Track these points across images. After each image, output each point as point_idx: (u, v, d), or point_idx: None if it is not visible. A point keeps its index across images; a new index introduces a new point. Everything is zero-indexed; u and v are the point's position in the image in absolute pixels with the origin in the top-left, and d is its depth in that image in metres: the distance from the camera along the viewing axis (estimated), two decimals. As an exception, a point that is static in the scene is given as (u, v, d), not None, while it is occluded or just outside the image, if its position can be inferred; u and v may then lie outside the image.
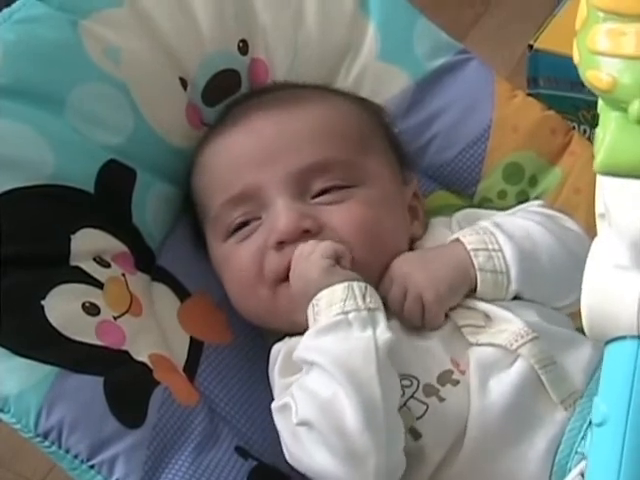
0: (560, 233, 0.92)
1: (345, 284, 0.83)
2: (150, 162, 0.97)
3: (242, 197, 0.92)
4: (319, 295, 0.83)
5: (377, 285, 0.88)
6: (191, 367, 0.91)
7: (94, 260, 0.89)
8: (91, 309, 0.86)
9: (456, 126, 1.06)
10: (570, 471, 0.78)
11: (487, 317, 0.88)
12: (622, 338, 0.60)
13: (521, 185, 1.05)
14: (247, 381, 0.92)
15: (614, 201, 0.58)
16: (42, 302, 0.83)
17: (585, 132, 1.20)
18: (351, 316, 0.81)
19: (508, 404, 0.82)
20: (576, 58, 0.56)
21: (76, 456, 0.80)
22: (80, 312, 0.85)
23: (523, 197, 1.05)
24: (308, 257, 0.86)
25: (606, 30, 0.54)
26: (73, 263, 0.87)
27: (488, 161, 1.05)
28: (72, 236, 0.88)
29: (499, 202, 1.05)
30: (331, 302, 0.82)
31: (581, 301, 0.61)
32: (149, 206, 0.96)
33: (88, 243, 0.89)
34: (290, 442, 0.82)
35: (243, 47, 1.04)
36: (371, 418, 0.77)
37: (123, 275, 0.90)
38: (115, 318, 0.87)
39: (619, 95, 0.54)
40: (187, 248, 0.99)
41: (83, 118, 0.93)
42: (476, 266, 0.88)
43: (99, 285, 0.88)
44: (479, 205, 1.05)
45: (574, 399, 0.83)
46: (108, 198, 0.92)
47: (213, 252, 0.96)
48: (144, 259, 0.95)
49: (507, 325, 0.86)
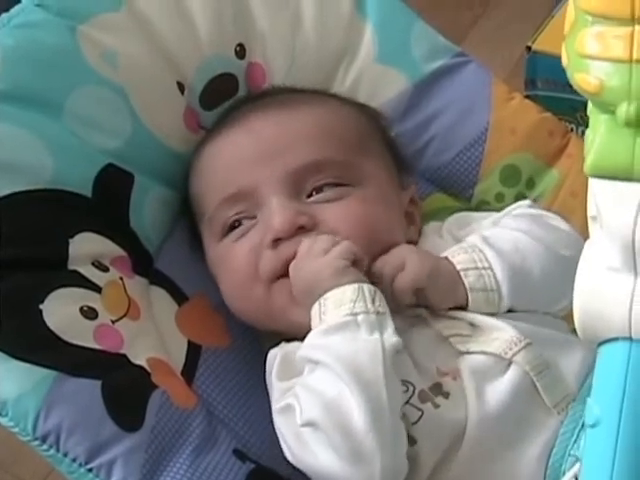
0: (549, 239, 0.91)
1: (356, 285, 0.83)
2: (148, 166, 0.97)
3: (238, 196, 0.92)
4: (328, 294, 0.83)
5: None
6: (189, 370, 0.91)
7: (92, 264, 0.89)
8: (89, 313, 0.86)
9: (453, 129, 1.05)
10: (564, 474, 0.78)
11: (473, 326, 0.87)
12: (614, 340, 0.60)
13: (518, 187, 1.05)
14: (245, 384, 0.92)
15: (605, 203, 0.58)
16: (40, 306, 0.83)
17: (583, 134, 1.19)
18: (360, 318, 0.81)
19: (504, 410, 0.82)
20: (565, 61, 0.57)
21: (74, 459, 0.80)
22: (78, 316, 0.85)
23: (520, 200, 1.04)
24: (322, 254, 0.85)
25: (594, 33, 0.54)
26: (71, 267, 0.88)
27: (485, 164, 1.05)
28: (70, 240, 0.88)
29: (496, 205, 1.05)
30: (341, 302, 0.82)
31: (573, 303, 0.61)
32: (147, 210, 0.97)
33: (86, 247, 0.89)
34: (294, 443, 0.82)
35: (240, 51, 1.04)
36: (377, 419, 0.77)
37: (121, 279, 0.91)
38: (113, 322, 0.87)
39: (607, 98, 0.54)
40: (185, 251, 0.99)
41: (81, 122, 0.93)
42: (467, 286, 0.87)
43: (97, 289, 0.88)
44: (476, 208, 1.05)
45: (567, 402, 0.83)
46: (106, 202, 0.93)
47: (209, 252, 0.96)
48: (142, 263, 0.95)
49: (498, 333, 0.86)
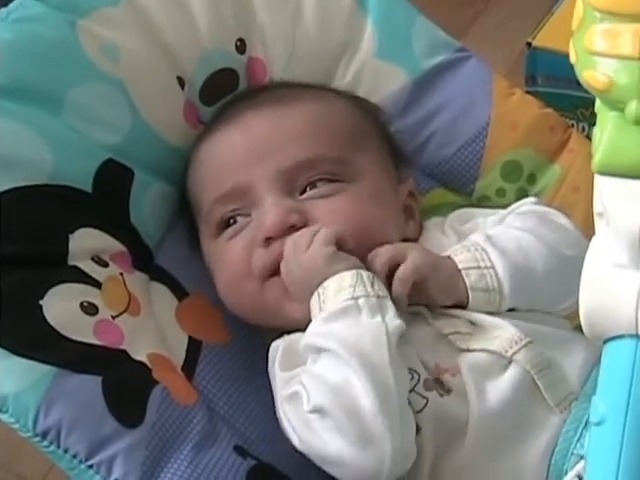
0: (553, 239, 0.91)
1: (353, 271, 0.83)
2: (148, 161, 0.97)
3: (232, 194, 0.92)
4: (326, 283, 0.83)
5: None
6: (189, 366, 0.90)
7: (92, 259, 0.89)
8: (89, 308, 0.85)
9: (454, 124, 1.05)
10: (567, 473, 0.78)
11: (472, 324, 0.87)
12: (621, 337, 0.60)
13: (520, 183, 1.05)
14: (245, 380, 0.92)
15: (612, 200, 0.58)
16: (40, 302, 0.83)
17: (584, 130, 1.19)
18: (361, 302, 0.81)
19: (505, 408, 0.82)
20: (573, 58, 0.56)
21: (75, 456, 0.80)
22: (78, 311, 0.85)
23: (522, 195, 1.04)
24: (307, 247, 0.85)
25: (602, 30, 0.54)
26: (71, 263, 0.87)
27: (486, 159, 1.05)
28: (70, 236, 0.88)
29: (498, 200, 1.05)
30: (340, 288, 0.82)
31: (579, 300, 0.61)
32: (147, 205, 0.96)
33: (86, 243, 0.89)
34: (302, 431, 0.81)
35: (241, 46, 1.04)
36: (385, 402, 0.77)
37: (121, 274, 0.90)
38: (113, 317, 0.87)
39: (616, 95, 0.54)
40: (185, 247, 0.99)
41: (81, 117, 0.92)
42: (468, 285, 0.86)
43: (97, 285, 0.88)
44: (478, 203, 1.05)
45: (570, 401, 0.83)
46: (106, 197, 0.92)
47: (205, 249, 0.96)
48: (142, 258, 0.95)
49: (499, 331, 0.85)
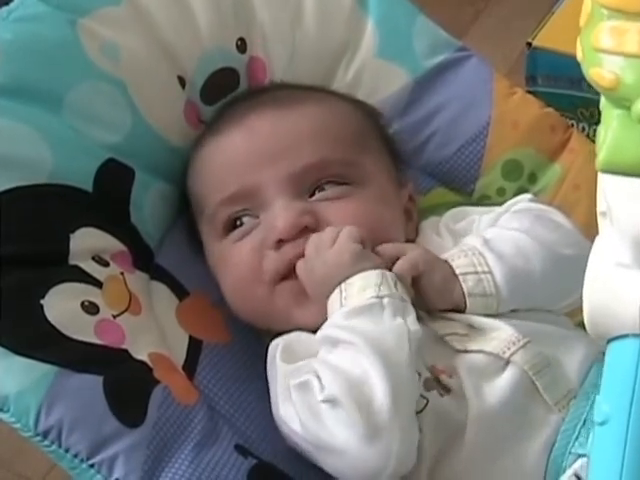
0: (550, 239, 0.91)
1: (379, 271, 0.84)
2: (148, 160, 0.97)
3: (240, 196, 0.92)
4: (350, 280, 0.84)
5: None
6: (190, 366, 0.90)
7: (93, 259, 0.89)
8: (90, 308, 0.85)
9: (455, 123, 1.05)
10: (565, 471, 0.78)
11: (470, 326, 0.87)
12: (624, 336, 0.60)
13: (520, 182, 1.05)
14: (246, 380, 0.92)
15: (616, 199, 0.58)
16: (41, 301, 0.83)
17: (584, 130, 1.20)
18: (385, 301, 0.82)
19: (503, 408, 0.82)
20: (579, 55, 0.56)
21: (76, 455, 0.80)
22: (79, 311, 0.85)
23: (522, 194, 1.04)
24: (332, 243, 0.86)
25: (610, 28, 0.53)
26: (72, 262, 0.87)
27: (487, 158, 1.05)
28: (71, 235, 0.88)
29: (498, 199, 1.04)
30: (365, 286, 0.83)
31: (583, 300, 0.61)
32: (147, 205, 0.96)
33: (87, 242, 0.89)
34: (308, 419, 0.81)
35: (241, 45, 1.04)
36: (399, 402, 0.77)
37: (122, 274, 0.90)
38: (114, 317, 0.86)
39: (622, 93, 0.54)
40: (185, 247, 0.99)
41: (81, 117, 0.92)
42: (465, 291, 0.86)
43: (98, 284, 0.87)
44: (478, 202, 1.05)
45: (568, 400, 0.83)
46: (107, 197, 0.92)
47: (209, 250, 0.96)
48: (142, 258, 0.94)
49: (496, 333, 0.85)
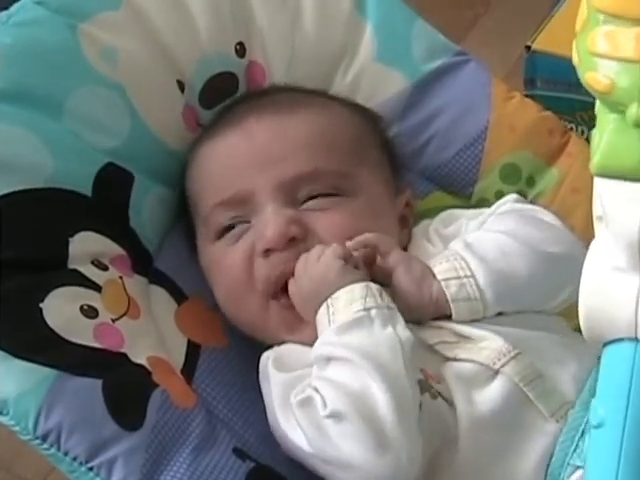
0: (535, 238, 0.91)
1: (363, 283, 0.83)
2: (147, 165, 0.97)
3: (234, 201, 0.93)
4: (336, 294, 0.83)
5: None
6: (189, 370, 0.90)
7: (92, 263, 0.89)
8: (89, 312, 0.86)
9: (453, 127, 1.05)
10: (563, 483, 0.78)
11: (458, 335, 0.87)
12: (620, 340, 0.60)
13: (518, 185, 1.05)
14: (244, 383, 0.92)
15: (611, 203, 0.58)
16: (41, 305, 0.83)
17: (583, 133, 1.19)
18: (373, 312, 0.82)
19: (496, 417, 0.82)
20: (575, 60, 0.56)
21: (75, 458, 0.80)
22: (78, 315, 0.85)
23: (521, 198, 1.04)
24: (319, 260, 0.86)
25: (605, 32, 0.54)
26: (71, 266, 0.87)
27: (485, 162, 1.05)
28: (70, 239, 0.88)
29: (497, 202, 1.04)
30: (351, 300, 0.83)
31: (579, 303, 0.61)
32: (146, 209, 0.96)
33: (86, 246, 0.89)
34: (314, 434, 0.81)
35: (240, 50, 1.04)
36: (403, 411, 0.78)
37: (121, 278, 0.90)
38: (113, 321, 0.87)
39: (617, 97, 0.54)
40: (184, 251, 0.99)
41: (81, 121, 0.93)
42: (448, 297, 0.86)
43: (97, 288, 0.88)
44: (477, 206, 1.05)
45: (566, 410, 0.82)
46: (106, 201, 0.92)
47: (202, 253, 0.97)
48: (141, 262, 0.95)
49: (486, 342, 0.85)
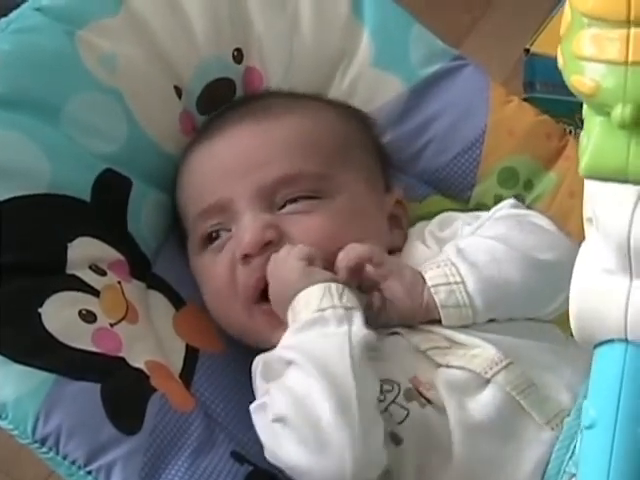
0: (529, 244, 0.91)
1: (322, 284, 0.83)
2: (145, 170, 0.98)
3: (214, 209, 0.93)
4: (298, 296, 0.84)
5: None
6: (187, 374, 0.91)
7: (90, 268, 0.90)
8: (87, 316, 0.86)
9: (451, 131, 1.05)
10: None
11: (450, 340, 0.87)
12: (610, 341, 0.60)
13: (516, 189, 1.05)
14: (242, 388, 0.92)
15: (600, 204, 0.58)
16: (39, 310, 0.84)
17: (582, 136, 1.20)
18: (327, 313, 0.82)
19: (488, 424, 0.82)
20: (561, 63, 0.57)
21: (73, 462, 0.81)
22: (77, 319, 0.85)
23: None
24: (284, 262, 0.87)
25: (590, 35, 0.54)
26: (70, 271, 0.88)
27: (483, 166, 1.05)
28: (69, 244, 0.89)
29: (495, 206, 1.04)
30: (308, 301, 0.83)
31: (569, 305, 0.61)
32: (144, 214, 0.97)
33: (84, 251, 0.90)
34: (267, 439, 0.82)
35: (238, 56, 1.04)
36: (345, 411, 0.77)
37: (119, 283, 0.91)
38: (111, 325, 0.87)
39: (602, 100, 0.54)
40: (182, 256, 0.99)
41: (79, 127, 0.93)
42: (438, 303, 0.86)
43: (95, 293, 0.88)
44: (475, 210, 1.05)
45: (562, 417, 0.82)
46: (104, 207, 0.93)
47: (191, 262, 0.97)
48: (139, 267, 0.95)
49: (478, 350, 0.85)
